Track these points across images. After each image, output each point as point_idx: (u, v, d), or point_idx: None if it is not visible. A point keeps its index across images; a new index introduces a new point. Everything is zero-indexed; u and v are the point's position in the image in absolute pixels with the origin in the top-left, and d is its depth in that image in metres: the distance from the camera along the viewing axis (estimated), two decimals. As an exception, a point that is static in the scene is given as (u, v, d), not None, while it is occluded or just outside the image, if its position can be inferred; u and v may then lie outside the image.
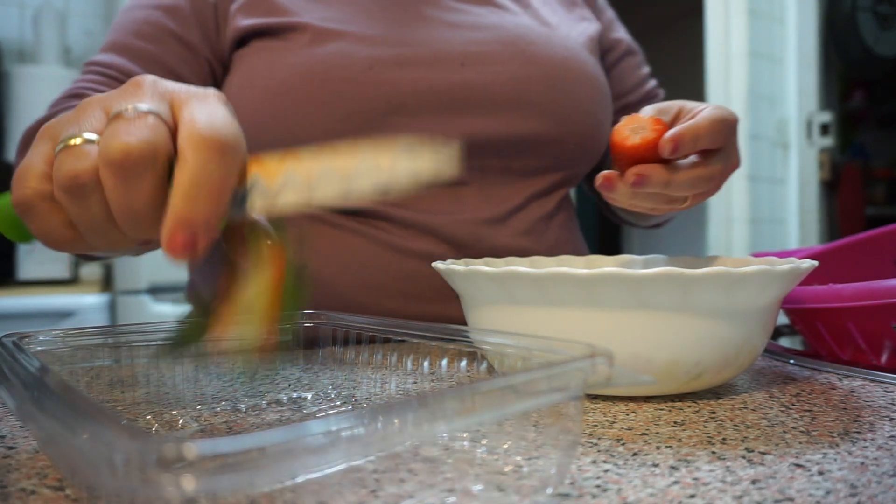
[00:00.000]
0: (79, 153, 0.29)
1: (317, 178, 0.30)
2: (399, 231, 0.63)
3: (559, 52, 0.68)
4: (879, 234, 0.64)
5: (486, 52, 0.65)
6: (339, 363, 0.44)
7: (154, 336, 0.39)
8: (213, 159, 0.28)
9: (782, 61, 2.24)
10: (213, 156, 0.28)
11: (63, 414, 0.19)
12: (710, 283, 0.36)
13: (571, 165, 0.70)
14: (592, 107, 0.70)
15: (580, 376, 0.25)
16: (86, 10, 2.16)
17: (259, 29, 0.63)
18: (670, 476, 0.28)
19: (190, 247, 0.29)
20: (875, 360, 0.49)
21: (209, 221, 0.29)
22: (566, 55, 0.69)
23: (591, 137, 0.70)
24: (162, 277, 1.74)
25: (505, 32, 0.67)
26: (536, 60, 0.67)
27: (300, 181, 0.31)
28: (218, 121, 0.29)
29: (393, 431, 0.19)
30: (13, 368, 0.25)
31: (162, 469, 0.15)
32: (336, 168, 0.30)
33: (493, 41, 0.66)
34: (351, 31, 0.63)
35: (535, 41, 0.68)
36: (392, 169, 0.30)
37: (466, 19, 0.68)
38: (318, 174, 0.30)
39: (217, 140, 0.29)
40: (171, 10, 0.64)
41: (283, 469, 0.17)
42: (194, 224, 0.28)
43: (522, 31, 0.68)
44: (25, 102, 1.84)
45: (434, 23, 0.66)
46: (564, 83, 0.67)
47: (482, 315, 0.44)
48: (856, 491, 0.27)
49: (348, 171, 0.30)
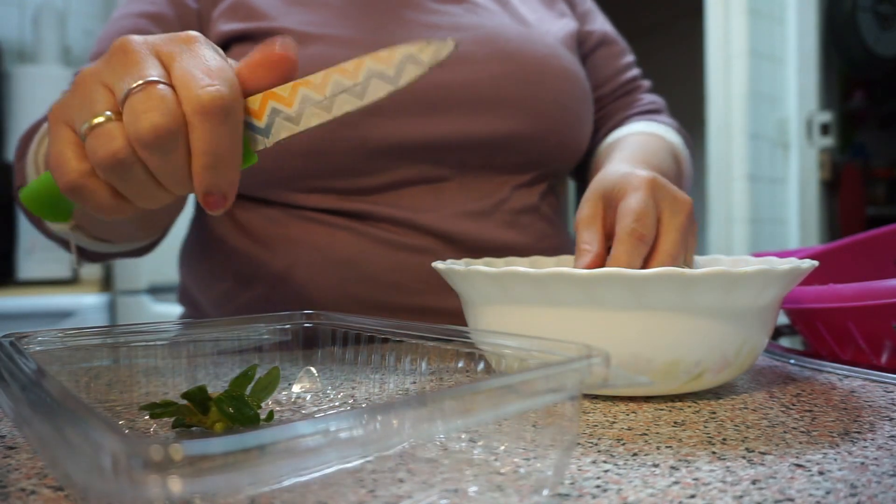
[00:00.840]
0: (107, 133, 0.32)
1: (330, 92, 0.34)
2: (388, 227, 0.64)
3: (538, 49, 0.68)
4: (879, 234, 0.64)
5: (463, 52, 0.65)
6: (338, 363, 0.44)
7: (154, 336, 0.39)
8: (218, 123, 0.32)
9: (782, 61, 2.24)
10: (217, 120, 0.32)
11: (52, 415, 0.19)
12: (710, 283, 0.36)
13: (552, 162, 0.70)
14: (572, 103, 0.70)
15: (577, 377, 0.25)
16: (86, 9, 2.16)
17: (239, 34, 0.64)
18: (670, 476, 0.28)
19: (223, 202, 0.34)
20: (875, 360, 0.49)
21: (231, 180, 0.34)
22: (545, 52, 0.69)
23: (570, 134, 0.70)
24: (162, 277, 1.74)
25: (483, 32, 0.67)
26: (514, 59, 0.67)
27: (316, 99, 0.34)
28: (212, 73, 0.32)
29: (391, 431, 0.19)
30: (9, 369, 0.25)
31: (149, 471, 0.15)
32: (345, 78, 0.34)
33: (471, 41, 0.66)
34: (329, 35, 0.63)
35: (513, 39, 0.68)
36: (395, 62, 0.34)
37: (444, 20, 0.68)
38: (330, 89, 0.34)
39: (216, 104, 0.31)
40: (156, 17, 0.65)
41: (274, 470, 0.17)
42: (220, 187, 0.33)
43: (500, 30, 0.68)
44: (25, 102, 1.84)
45: (412, 25, 0.66)
46: (543, 81, 0.67)
47: (482, 315, 0.44)
48: (856, 491, 0.27)
49: (357, 77, 0.34)
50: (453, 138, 0.64)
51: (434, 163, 0.64)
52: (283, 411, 0.38)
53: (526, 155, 0.68)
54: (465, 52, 0.65)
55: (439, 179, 0.65)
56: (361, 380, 0.43)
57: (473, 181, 0.66)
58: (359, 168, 0.62)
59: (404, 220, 0.63)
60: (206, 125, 0.32)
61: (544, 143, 0.68)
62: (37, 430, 0.19)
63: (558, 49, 0.71)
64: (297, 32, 0.62)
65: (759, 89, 2.16)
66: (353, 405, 0.39)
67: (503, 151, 0.67)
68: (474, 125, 0.64)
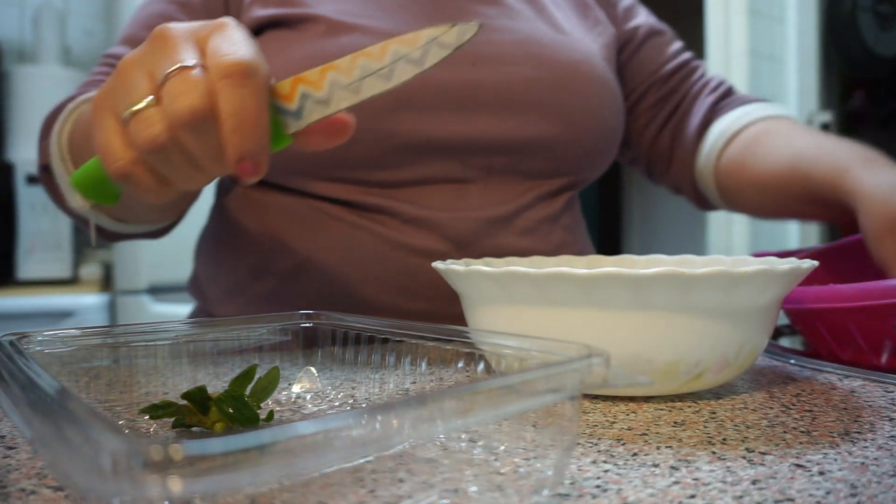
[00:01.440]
0: (147, 118, 0.33)
1: (358, 75, 0.35)
2: (400, 226, 0.63)
3: (572, 55, 0.68)
4: (880, 233, 0.64)
5: (497, 53, 0.65)
6: (338, 363, 0.44)
7: (154, 336, 0.39)
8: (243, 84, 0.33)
9: (782, 61, 2.24)
10: (241, 80, 0.33)
11: (52, 414, 0.19)
12: (710, 283, 0.36)
13: (579, 170, 0.70)
14: (603, 112, 0.70)
15: (577, 377, 0.25)
16: (86, 9, 2.16)
17: (274, 19, 0.64)
18: (670, 476, 0.28)
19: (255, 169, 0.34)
20: (875, 361, 0.49)
21: (261, 143, 0.34)
22: (578, 59, 0.69)
23: (600, 143, 0.70)
24: (162, 277, 1.74)
25: (518, 35, 0.67)
26: (548, 63, 0.67)
27: (344, 82, 0.35)
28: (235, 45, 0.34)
29: (391, 431, 0.19)
30: (9, 369, 0.25)
31: (149, 471, 0.15)
32: (372, 61, 0.35)
33: (505, 43, 0.66)
34: (364, 25, 0.63)
35: (548, 45, 0.68)
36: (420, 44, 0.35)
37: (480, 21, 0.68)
38: (358, 72, 0.35)
39: (239, 65, 0.33)
40: (183, 3, 0.67)
41: (274, 470, 0.17)
42: (251, 153, 0.34)
43: (536, 34, 0.68)
44: (25, 102, 1.84)
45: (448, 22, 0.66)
46: (575, 87, 0.67)
47: (482, 315, 0.44)
48: (856, 491, 0.27)
49: (383, 60, 0.35)
50: (481, 138, 0.64)
51: (460, 163, 0.64)
52: (283, 411, 0.38)
53: (553, 161, 0.68)
54: (499, 54, 0.65)
55: (464, 180, 0.65)
56: (361, 380, 0.43)
57: (498, 185, 0.66)
58: (383, 160, 0.62)
59: (422, 219, 0.63)
60: (228, 88, 0.33)
61: (572, 149, 0.68)
62: (37, 430, 0.19)
63: (592, 57, 0.71)
64: (331, 21, 0.63)
65: (759, 89, 2.16)
66: (353, 405, 0.39)
67: (530, 156, 0.66)
68: (503, 126, 0.64)
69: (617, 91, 0.73)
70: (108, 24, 2.08)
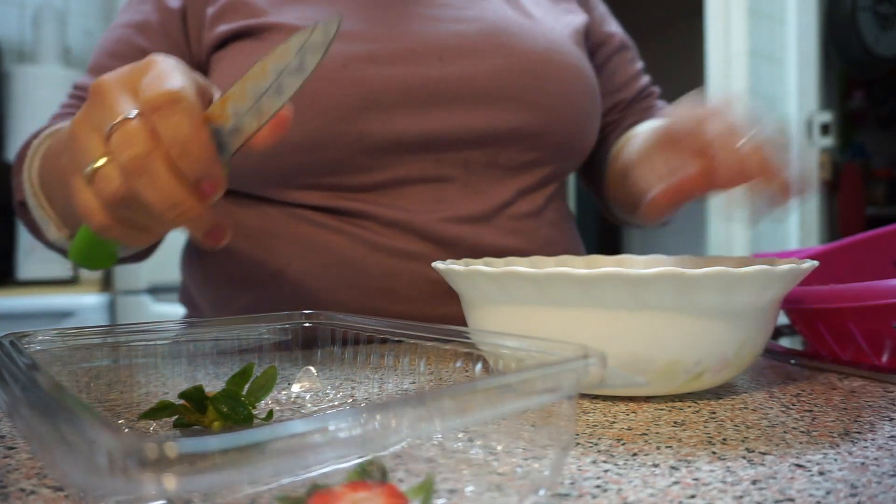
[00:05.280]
0: (106, 176, 0.35)
1: (253, 97, 0.36)
2: (380, 229, 0.63)
3: (541, 43, 0.68)
4: (879, 234, 0.64)
5: (465, 45, 0.64)
6: (337, 363, 0.44)
7: (154, 336, 0.39)
8: (173, 111, 0.34)
9: (782, 61, 2.24)
10: (170, 109, 0.34)
11: (49, 413, 0.19)
12: (710, 283, 0.36)
13: (559, 159, 0.69)
14: (577, 97, 0.69)
15: (573, 377, 0.25)
16: (86, 9, 2.16)
17: (237, 32, 0.64)
18: (670, 476, 0.28)
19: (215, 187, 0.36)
20: (875, 360, 0.49)
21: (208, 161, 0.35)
22: (548, 46, 0.68)
23: (577, 129, 0.69)
24: (162, 277, 1.74)
25: (486, 24, 0.67)
26: (517, 52, 0.66)
27: (245, 107, 0.36)
28: (160, 79, 0.35)
29: (389, 430, 0.19)
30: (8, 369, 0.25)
31: (144, 468, 0.15)
32: (258, 82, 0.36)
33: (473, 34, 0.65)
34: None
35: (517, 33, 0.67)
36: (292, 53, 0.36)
37: (447, 13, 0.67)
38: (252, 94, 0.36)
39: (163, 96, 0.34)
40: (140, 26, 0.66)
41: (271, 468, 0.16)
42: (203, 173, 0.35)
43: (504, 22, 0.67)
44: (25, 102, 1.84)
45: (414, 17, 0.66)
46: (546, 74, 0.67)
47: (482, 315, 0.44)
48: (856, 491, 0.27)
49: (269, 77, 0.36)
50: (453, 132, 0.63)
51: (434, 160, 0.63)
52: (282, 411, 0.38)
53: (530, 151, 0.67)
54: (466, 46, 0.65)
55: (441, 179, 0.64)
56: (361, 380, 0.43)
57: (478, 182, 0.65)
58: (356, 163, 0.62)
59: (401, 222, 0.63)
60: (161, 120, 0.34)
61: (548, 138, 0.67)
62: (35, 429, 0.19)
63: (563, 43, 0.70)
64: (293, 28, 0.62)
65: (759, 89, 2.16)
66: (353, 405, 0.39)
67: (507, 148, 0.66)
68: (474, 119, 0.64)
69: (589, 75, 0.72)
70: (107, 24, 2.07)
